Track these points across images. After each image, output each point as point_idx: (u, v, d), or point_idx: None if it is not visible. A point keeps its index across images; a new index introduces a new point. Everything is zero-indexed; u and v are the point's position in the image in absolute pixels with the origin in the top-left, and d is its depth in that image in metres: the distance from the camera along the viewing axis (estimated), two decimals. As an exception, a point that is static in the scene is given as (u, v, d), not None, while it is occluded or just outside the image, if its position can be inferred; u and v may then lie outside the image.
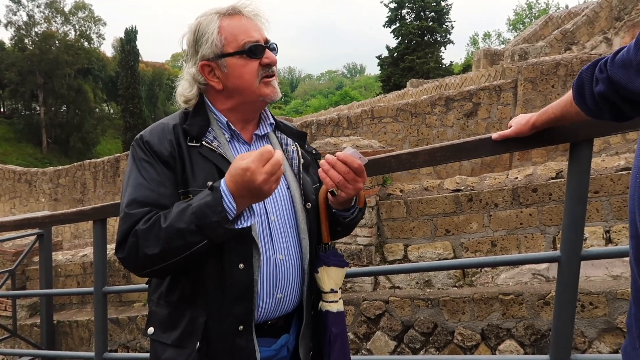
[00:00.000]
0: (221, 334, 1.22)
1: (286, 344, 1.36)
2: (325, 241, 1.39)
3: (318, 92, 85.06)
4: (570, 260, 1.74)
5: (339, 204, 1.35)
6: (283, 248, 1.31)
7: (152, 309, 1.34)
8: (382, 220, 4.14)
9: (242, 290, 1.22)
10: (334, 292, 1.36)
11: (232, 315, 1.22)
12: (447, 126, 8.55)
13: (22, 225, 3.46)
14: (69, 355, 4.46)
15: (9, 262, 5.34)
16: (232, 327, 1.22)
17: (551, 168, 3.75)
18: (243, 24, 1.31)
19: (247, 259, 1.22)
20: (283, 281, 1.30)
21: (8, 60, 41.99)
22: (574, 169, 1.71)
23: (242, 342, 1.22)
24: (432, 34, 35.46)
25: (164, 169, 1.23)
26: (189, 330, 1.24)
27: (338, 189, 1.27)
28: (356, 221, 1.44)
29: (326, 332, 1.36)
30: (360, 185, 1.28)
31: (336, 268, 1.37)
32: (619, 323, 3.14)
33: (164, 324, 1.29)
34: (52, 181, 14.49)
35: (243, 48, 1.28)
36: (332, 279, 1.36)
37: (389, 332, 3.81)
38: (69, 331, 5.03)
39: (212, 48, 1.29)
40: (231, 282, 1.21)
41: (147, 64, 56.23)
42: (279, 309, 1.31)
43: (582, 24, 11.91)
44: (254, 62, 1.29)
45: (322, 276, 1.36)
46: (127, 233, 1.16)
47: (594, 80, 1.20)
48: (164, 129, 1.30)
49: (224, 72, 1.30)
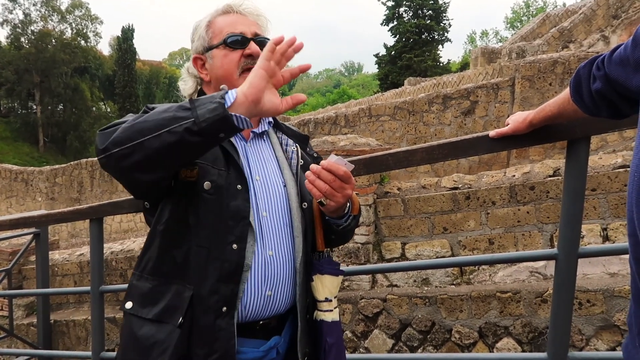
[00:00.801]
0: (204, 312, 1.20)
1: (276, 346, 1.32)
2: (319, 249, 1.38)
3: (316, 91, 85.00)
4: (567, 258, 1.74)
5: (332, 212, 1.33)
6: (273, 245, 1.30)
7: (132, 283, 1.31)
8: (379, 219, 4.14)
9: (231, 270, 1.21)
10: (328, 301, 1.34)
11: (217, 294, 1.20)
12: (444, 124, 8.56)
13: (19, 224, 3.44)
14: (66, 355, 4.45)
15: (6, 262, 5.32)
16: (216, 307, 1.20)
17: (548, 166, 3.75)
18: (232, 19, 1.36)
19: (241, 240, 1.22)
20: (273, 278, 1.28)
21: (4, 58, 41.82)
22: (571, 167, 1.70)
23: (222, 323, 1.20)
24: (430, 32, 35.45)
25: None
26: (173, 305, 1.22)
27: (327, 199, 1.25)
28: (350, 229, 1.42)
29: (321, 342, 1.34)
30: (348, 192, 1.26)
31: (330, 276, 1.35)
32: (616, 321, 3.15)
33: (144, 298, 1.26)
34: (48, 180, 14.45)
35: (224, 39, 1.33)
36: (327, 288, 1.34)
37: (386, 330, 3.81)
38: (66, 330, 5.02)
39: (200, 41, 1.37)
40: (222, 259, 1.20)
41: (144, 63, 56.06)
42: (268, 308, 1.29)
43: (579, 22, 11.93)
44: (235, 53, 1.33)
45: (316, 285, 1.34)
46: (111, 129, 1.10)
47: (591, 78, 1.19)
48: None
49: (210, 64, 1.36)
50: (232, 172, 1.25)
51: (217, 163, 1.24)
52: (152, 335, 1.22)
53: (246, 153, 1.35)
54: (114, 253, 5.23)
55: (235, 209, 1.22)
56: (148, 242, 1.32)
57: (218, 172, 1.23)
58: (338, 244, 1.49)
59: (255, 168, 1.34)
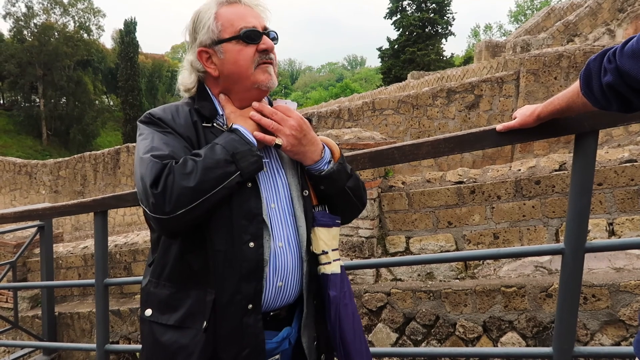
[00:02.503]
0: (229, 313, 1.22)
1: (288, 337, 1.35)
2: (313, 204, 1.38)
3: (318, 84, 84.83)
4: (574, 253, 1.73)
5: (299, 156, 1.33)
6: (283, 236, 1.31)
7: (150, 291, 1.32)
8: (383, 213, 4.13)
9: (252, 268, 1.22)
10: (325, 254, 1.34)
11: (240, 294, 1.21)
12: (448, 118, 8.52)
13: (23, 217, 3.45)
14: (71, 347, 4.47)
15: (10, 254, 5.34)
16: (241, 306, 1.22)
17: (554, 160, 3.73)
18: (240, 11, 1.32)
19: (257, 237, 1.23)
20: (283, 269, 1.29)
21: (7, 52, 41.83)
22: (579, 161, 1.69)
23: (250, 320, 1.22)
24: (433, 26, 35.29)
25: (181, 139, 1.26)
26: (194, 310, 1.23)
27: (279, 138, 1.30)
28: (338, 177, 1.37)
29: (325, 296, 1.35)
30: (291, 122, 1.30)
31: (324, 228, 1.35)
32: (622, 315, 3.14)
33: (164, 305, 1.28)
34: (52, 173, 14.48)
35: (239, 33, 1.29)
36: (322, 240, 1.34)
37: (390, 324, 3.81)
38: (71, 323, 5.04)
39: (209, 34, 1.31)
40: (241, 259, 1.21)
41: (147, 56, 56.06)
42: (279, 298, 1.31)
43: (584, 16, 11.83)
44: (250, 48, 1.29)
45: (313, 238, 1.35)
46: (160, 170, 1.14)
47: (602, 71, 1.18)
48: (178, 108, 1.33)
49: (220, 59, 1.31)
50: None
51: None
52: (175, 340, 1.23)
53: None
54: (118, 246, 5.24)
55: (247, 208, 1.23)
56: (163, 247, 1.31)
57: None
58: (339, 200, 1.43)
59: None
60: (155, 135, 1.24)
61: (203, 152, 1.18)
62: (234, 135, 1.22)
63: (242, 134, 1.23)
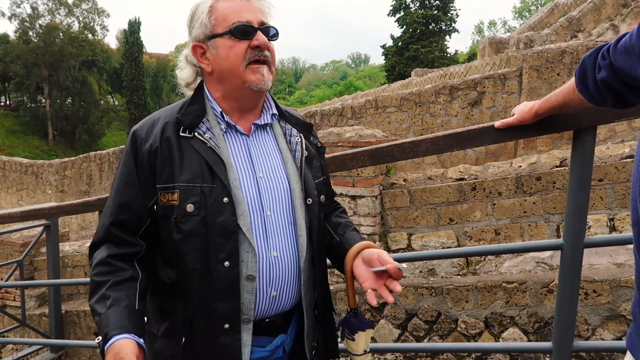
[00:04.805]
0: (205, 331, 1.19)
1: (282, 345, 1.31)
2: (352, 306, 1.34)
3: (322, 83, 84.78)
4: (573, 248, 1.75)
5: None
6: (278, 245, 1.26)
7: (146, 299, 1.31)
8: (385, 210, 4.15)
9: (226, 287, 1.18)
10: (366, 353, 1.33)
11: (216, 312, 1.19)
12: (451, 115, 8.52)
13: (29, 216, 3.50)
14: (78, 344, 4.52)
15: (17, 253, 5.40)
16: (217, 325, 1.19)
17: (555, 156, 3.74)
18: (236, 5, 1.25)
19: (233, 255, 1.18)
20: (277, 279, 1.25)
21: (13, 53, 42.10)
22: (577, 157, 1.71)
23: (227, 340, 1.19)
24: (437, 23, 35.19)
25: (137, 186, 1.25)
26: (177, 324, 1.22)
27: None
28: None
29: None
30: (397, 288, 1.21)
31: (371, 330, 1.34)
32: (623, 311, 3.15)
33: (156, 314, 1.28)
34: (58, 173, 14.57)
35: (230, 28, 1.23)
36: (366, 342, 1.33)
37: (392, 320, 3.83)
38: (77, 321, 5.09)
39: (202, 28, 1.26)
40: (215, 278, 1.18)
41: (151, 56, 56.23)
42: (274, 307, 1.27)
43: (588, 11, 11.77)
44: (242, 44, 1.23)
45: (358, 341, 1.31)
46: (96, 245, 1.29)
47: (596, 67, 1.19)
48: (155, 122, 1.28)
49: (213, 54, 1.26)
50: (218, 185, 1.20)
51: (201, 179, 1.20)
52: (162, 350, 1.24)
53: (248, 148, 1.30)
54: (123, 245, 5.28)
55: (222, 225, 1.18)
56: (152, 256, 1.31)
57: (201, 190, 1.19)
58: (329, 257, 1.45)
59: (258, 164, 1.29)
60: (119, 186, 1.26)
61: (100, 309, 1.16)
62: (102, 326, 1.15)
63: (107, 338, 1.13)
